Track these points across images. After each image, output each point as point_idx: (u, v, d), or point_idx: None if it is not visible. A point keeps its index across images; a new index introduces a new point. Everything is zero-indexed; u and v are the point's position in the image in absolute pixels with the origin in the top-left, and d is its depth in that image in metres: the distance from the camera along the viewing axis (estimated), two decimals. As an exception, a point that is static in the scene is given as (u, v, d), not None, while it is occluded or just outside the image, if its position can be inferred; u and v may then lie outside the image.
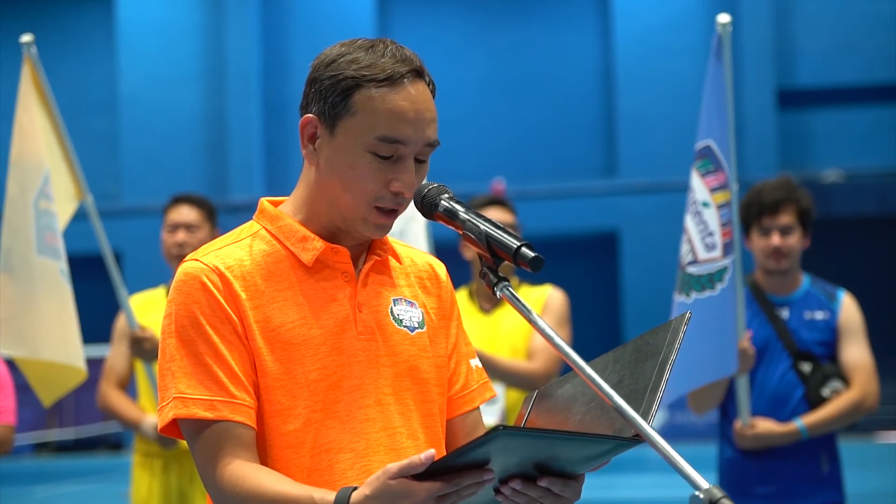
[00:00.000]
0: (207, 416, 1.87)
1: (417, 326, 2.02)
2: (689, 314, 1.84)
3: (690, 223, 4.07)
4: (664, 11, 19.95)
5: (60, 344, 4.17)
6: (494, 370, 4.14)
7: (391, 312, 2.00)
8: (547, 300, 4.42)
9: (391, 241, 2.09)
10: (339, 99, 1.91)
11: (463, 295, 4.53)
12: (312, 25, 20.59)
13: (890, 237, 19.47)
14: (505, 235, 1.85)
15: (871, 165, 19.13)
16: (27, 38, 4.30)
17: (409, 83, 1.91)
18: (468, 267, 4.58)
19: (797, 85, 19.71)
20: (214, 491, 1.87)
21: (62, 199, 4.34)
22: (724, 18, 4.06)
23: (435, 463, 1.66)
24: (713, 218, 4.01)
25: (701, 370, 3.94)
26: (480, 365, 2.15)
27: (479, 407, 2.12)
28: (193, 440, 1.89)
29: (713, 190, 4.04)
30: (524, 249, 1.82)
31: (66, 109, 5.05)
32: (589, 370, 1.75)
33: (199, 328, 1.89)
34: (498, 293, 1.85)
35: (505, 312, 4.43)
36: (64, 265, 4.22)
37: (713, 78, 4.08)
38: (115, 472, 16.04)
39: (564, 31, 20.66)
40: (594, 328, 18.55)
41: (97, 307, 12.53)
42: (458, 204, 1.93)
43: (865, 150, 19.28)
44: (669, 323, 1.85)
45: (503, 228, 1.87)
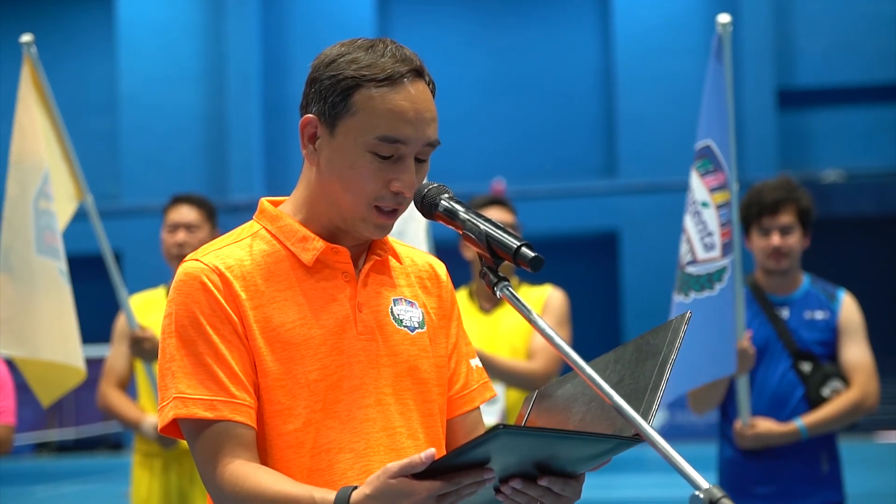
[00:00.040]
0: (208, 415, 1.87)
1: (417, 326, 2.02)
2: (689, 314, 1.84)
3: (689, 223, 4.07)
4: (664, 11, 19.95)
5: (60, 344, 4.16)
6: (494, 370, 4.14)
7: (391, 312, 2.00)
8: (547, 300, 4.42)
9: (391, 241, 2.09)
10: (339, 99, 1.91)
11: (463, 295, 4.52)
12: (312, 25, 20.59)
13: (890, 237, 19.47)
14: (505, 235, 1.85)
15: (871, 165, 19.13)
16: (27, 38, 4.30)
17: (409, 83, 1.91)
18: (468, 267, 4.58)
19: (797, 85, 19.71)
20: (214, 491, 1.87)
21: (62, 199, 4.34)
22: (724, 18, 4.06)
23: (435, 462, 1.66)
24: (712, 218, 4.01)
25: (700, 370, 3.94)
26: (480, 365, 2.15)
27: (479, 407, 2.12)
28: (193, 440, 1.89)
29: (712, 190, 4.04)
30: (524, 249, 1.81)
31: (66, 109, 5.05)
32: (589, 370, 1.75)
33: (199, 328, 1.90)
34: (498, 293, 1.85)
35: (505, 312, 4.43)
36: (63, 265, 4.22)
37: (713, 78, 4.07)
38: (115, 472, 16.03)
39: (564, 31, 20.66)
40: (594, 328, 18.55)
41: (97, 307, 12.53)
42: (458, 204, 1.93)
43: (865, 150, 19.28)
44: (670, 322, 1.85)
45: (503, 228, 1.86)
